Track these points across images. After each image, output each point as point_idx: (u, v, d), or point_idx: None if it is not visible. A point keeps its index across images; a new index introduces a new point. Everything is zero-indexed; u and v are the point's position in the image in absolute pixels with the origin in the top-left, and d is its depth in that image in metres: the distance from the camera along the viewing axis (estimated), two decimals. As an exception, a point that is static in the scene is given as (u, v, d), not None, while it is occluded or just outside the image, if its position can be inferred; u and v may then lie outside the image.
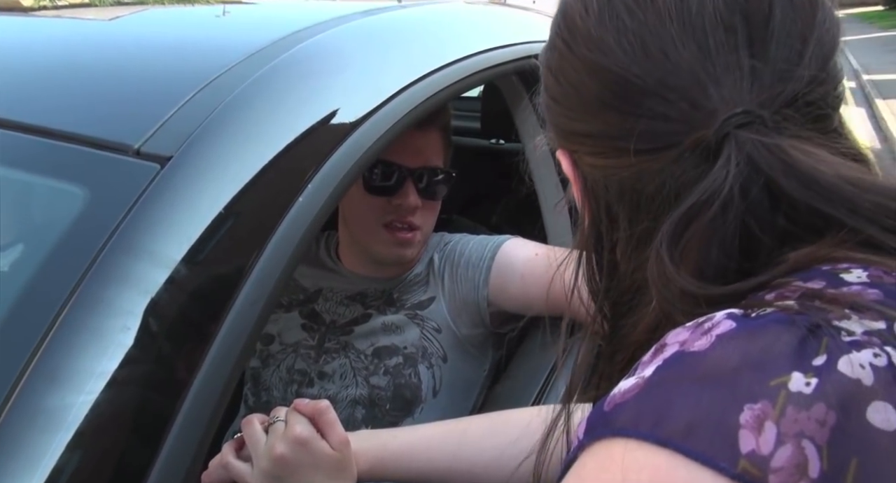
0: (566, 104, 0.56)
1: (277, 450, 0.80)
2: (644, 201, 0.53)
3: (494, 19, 1.42)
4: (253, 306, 0.63)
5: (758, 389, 0.37)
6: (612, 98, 0.52)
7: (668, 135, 0.50)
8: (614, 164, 0.53)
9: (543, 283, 1.26)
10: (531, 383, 1.20)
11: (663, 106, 0.50)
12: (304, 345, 1.33)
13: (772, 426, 0.36)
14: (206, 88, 0.73)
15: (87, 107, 0.73)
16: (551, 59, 0.58)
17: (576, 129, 0.56)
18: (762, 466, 0.35)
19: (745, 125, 0.48)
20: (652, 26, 0.51)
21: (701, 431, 0.36)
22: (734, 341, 0.40)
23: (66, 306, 0.55)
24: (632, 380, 0.42)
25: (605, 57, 0.52)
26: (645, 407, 0.39)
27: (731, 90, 0.49)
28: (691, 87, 0.49)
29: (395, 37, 1.05)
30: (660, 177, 0.51)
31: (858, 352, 0.38)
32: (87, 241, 0.59)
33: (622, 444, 0.39)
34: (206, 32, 1.02)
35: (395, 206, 1.28)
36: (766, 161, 0.46)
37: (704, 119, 0.49)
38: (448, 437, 0.94)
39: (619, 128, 0.52)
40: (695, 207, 0.48)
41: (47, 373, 0.52)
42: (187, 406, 0.56)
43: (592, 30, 0.53)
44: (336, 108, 0.82)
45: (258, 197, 0.70)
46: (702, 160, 0.49)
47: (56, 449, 0.51)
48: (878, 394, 0.37)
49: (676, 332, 0.43)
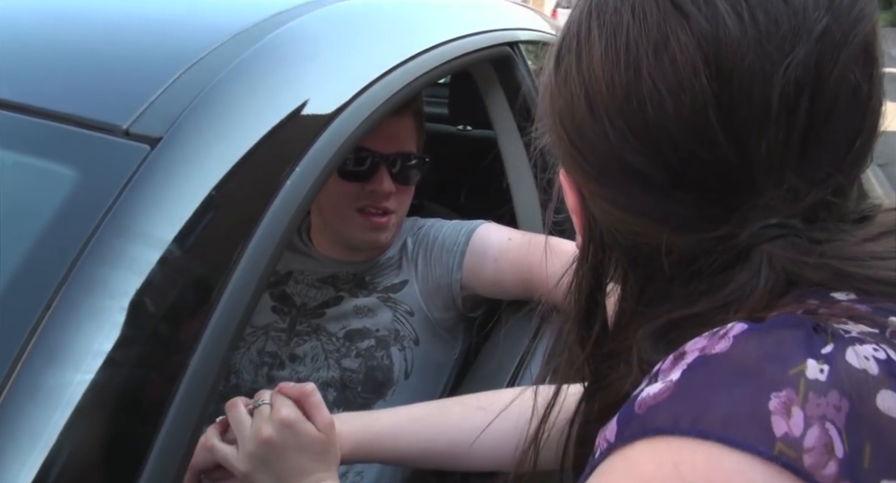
0: (586, 158, 0.52)
1: (264, 432, 0.80)
2: (659, 274, 0.52)
3: (468, 5, 1.42)
4: (245, 286, 0.64)
5: (780, 378, 0.40)
6: (638, 181, 0.49)
7: (696, 223, 0.49)
8: (633, 224, 0.52)
9: (517, 268, 1.29)
10: (502, 368, 1.22)
11: (695, 201, 0.48)
12: (274, 327, 1.33)
13: (798, 411, 0.38)
14: (192, 69, 0.72)
15: (70, 85, 0.72)
16: (568, 94, 0.52)
17: (592, 185, 0.53)
18: (797, 447, 0.38)
19: (779, 238, 0.47)
20: (686, 118, 0.46)
21: (737, 421, 0.39)
22: (751, 339, 0.43)
23: (61, 287, 0.55)
24: (658, 385, 0.44)
25: (629, 144, 0.48)
26: (681, 406, 0.42)
27: (769, 198, 0.47)
28: (727, 191, 0.47)
29: (372, 22, 1.05)
30: (680, 253, 0.50)
31: (861, 345, 0.41)
32: (79, 223, 0.58)
33: (665, 442, 0.41)
34: (183, 11, 1.00)
35: (368, 191, 1.28)
36: (817, 275, 0.46)
37: (736, 220, 0.48)
38: (430, 418, 0.95)
39: (644, 203, 0.50)
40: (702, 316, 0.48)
41: (46, 352, 0.52)
42: (185, 384, 0.57)
43: (619, 106, 0.48)
44: (318, 93, 0.82)
45: (247, 179, 0.70)
46: (730, 256, 0.48)
47: (56, 426, 0.51)
48: (884, 383, 0.40)
49: (694, 341, 0.45)
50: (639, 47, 0.47)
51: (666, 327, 0.51)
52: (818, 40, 0.45)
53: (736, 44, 0.45)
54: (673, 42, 0.46)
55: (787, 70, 0.45)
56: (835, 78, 0.46)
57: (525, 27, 1.52)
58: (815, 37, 0.45)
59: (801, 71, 0.45)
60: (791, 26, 0.46)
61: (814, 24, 0.46)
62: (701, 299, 0.49)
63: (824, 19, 0.46)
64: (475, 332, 1.44)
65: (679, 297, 0.51)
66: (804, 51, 0.45)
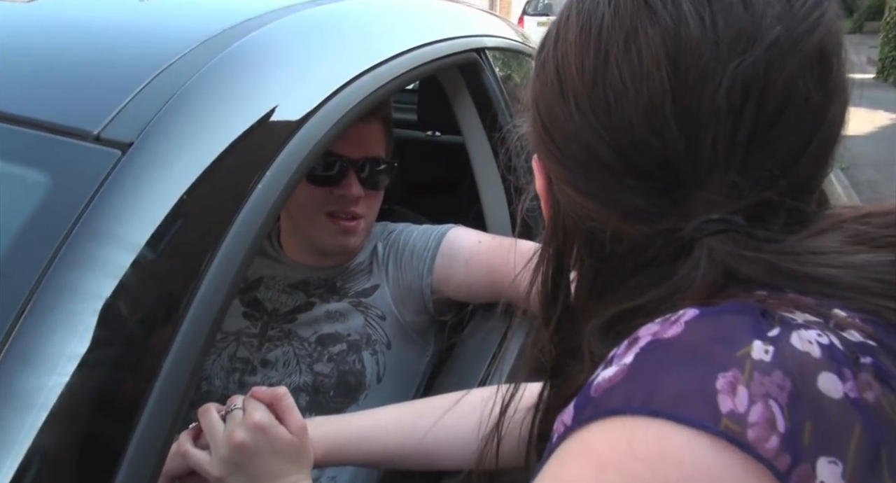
0: (553, 138, 0.55)
1: (237, 437, 0.81)
2: (613, 260, 0.55)
3: (435, 12, 1.44)
4: (217, 289, 0.64)
5: (727, 360, 0.42)
6: (596, 166, 0.52)
7: (645, 212, 0.51)
8: (591, 211, 0.54)
9: (486, 271, 1.31)
10: (473, 370, 1.24)
11: (646, 191, 0.50)
12: (246, 333, 1.33)
13: (743, 389, 0.41)
14: (162, 75, 0.73)
15: (40, 92, 0.72)
16: (544, 77, 0.55)
17: (557, 168, 0.55)
18: (741, 422, 0.40)
19: (719, 232, 0.49)
20: (645, 107, 0.49)
21: (686, 400, 0.41)
22: (701, 324, 0.45)
23: (35, 291, 0.55)
24: (612, 368, 0.46)
25: (593, 127, 0.51)
26: (633, 387, 0.44)
27: (711, 193, 0.49)
28: (676, 183, 0.50)
29: (341, 28, 1.06)
30: (630, 242, 0.52)
31: (806, 330, 0.43)
32: (51, 227, 0.59)
33: (618, 422, 0.43)
34: (151, 17, 1.01)
35: (337, 196, 1.29)
36: (754, 269, 0.48)
37: (682, 213, 0.50)
38: (402, 419, 0.96)
39: (602, 189, 0.52)
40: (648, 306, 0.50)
41: (20, 355, 0.53)
42: (158, 386, 0.57)
43: (588, 90, 0.51)
44: (287, 98, 0.83)
45: (217, 184, 0.71)
46: (675, 249, 0.50)
47: (31, 429, 0.51)
48: (825, 365, 0.42)
49: (647, 327, 0.47)
50: (610, 36, 0.51)
51: (614, 319, 0.53)
52: (768, 48, 0.48)
53: (695, 43, 0.48)
54: (641, 35, 0.49)
55: (736, 72, 0.47)
56: (782, 84, 0.48)
57: (492, 34, 1.55)
58: (765, 44, 0.48)
59: (748, 74, 0.47)
60: (747, 32, 0.48)
61: (766, 32, 0.48)
62: (648, 290, 0.51)
63: (777, 27, 0.48)
64: (447, 335, 1.46)
65: (627, 289, 0.54)
66: (753, 56, 0.48)
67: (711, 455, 0.40)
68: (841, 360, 0.42)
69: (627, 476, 0.41)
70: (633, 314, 0.51)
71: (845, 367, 0.42)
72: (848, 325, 0.45)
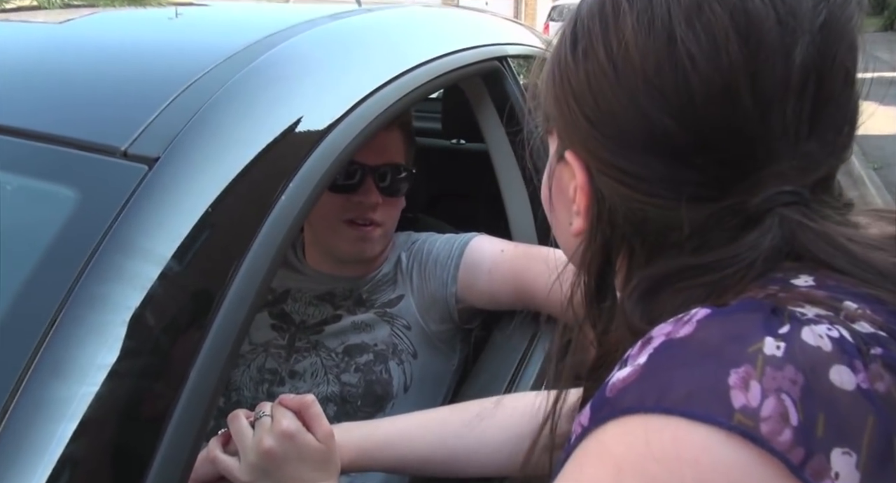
0: (603, 131, 0.55)
1: (265, 443, 0.82)
2: (667, 245, 0.54)
3: (456, 21, 1.45)
4: (242, 300, 0.66)
5: (739, 356, 0.42)
6: (660, 149, 0.52)
7: (710, 191, 0.52)
8: (643, 200, 0.54)
9: (511, 279, 1.31)
10: (498, 377, 1.24)
11: (714, 167, 0.51)
12: (274, 344, 1.35)
13: (756, 384, 0.41)
14: (187, 91, 0.75)
15: (69, 109, 0.75)
16: (590, 70, 0.55)
17: (608, 159, 0.55)
18: (754, 417, 0.40)
19: (791, 204, 0.50)
20: (717, 83, 0.50)
21: (699, 397, 0.42)
22: (713, 322, 0.45)
23: (65, 303, 0.57)
24: (627, 369, 0.46)
25: (661, 107, 0.51)
26: (647, 386, 0.44)
27: (784, 167, 0.51)
28: (748, 156, 0.51)
29: (363, 40, 1.07)
30: (689, 226, 0.52)
31: (816, 325, 0.44)
32: (81, 241, 0.61)
33: (633, 421, 0.44)
34: (176, 35, 1.03)
35: (355, 203, 1.30)
36: (813, 243, 0.49)
37: (751, 186, 0.51)
38: (428, 425, 0.97)
39: (662, 175, 0.53)
40: (707, 267, 0.51)
41: (51, 366, 0.54)
42: (186, 395, 0.59)
43: (652, 71, 0.51)
44: (311, 111, 0.85)
45: (242, 196, 0.72)
46: (739, 223, 0.51)
47: (62, 437, 0.52)
48: (837, 358, 0.42)
49: (661, 327, 0.48)
50: (671, 16, 0.51)
51: (660, 281, 0.53)
52: (820, 29, 0.51)
53: (762, 20, 0.50)
54: (707, 10, 0.50)
55: (800, 49, 0.50)
56: (834, 63, 0.51)
57: (514, 42, 1.55)
58: (817, 25, 0.51)
59: (810, 52, 0.50)
60: (801, 13, 0.51)
61: (818, 15, 0.51)
62: (709, 252, 0.52)
63: (824, 11, 0.51)
64: (472, 343, 1.46)
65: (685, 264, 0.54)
66: (812, 36, 0.50)
67: (727, 453, 0.40)
68: (852, 353, 0.42)
69: (644, 478, 0.42)
70: (679, 276, 0.52)
71: (856, 359, 0.42)
72: (858, 316, 0.45)
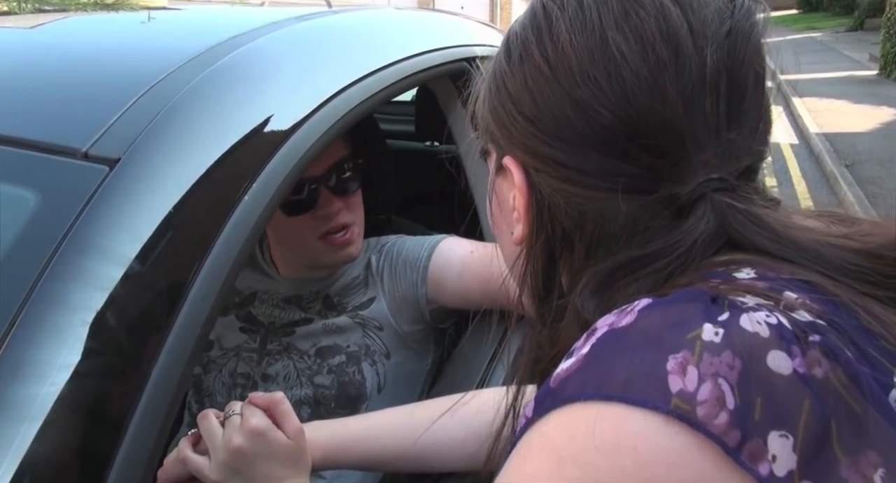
0: (541, 127, 0.57)
1: (235, 442, 0.82)
2: (605, 238, 0.57)
3: (425, 23, 1.46)
4: (204, 300, 0.66)
5: (678, 342, 0.43)
6: (596, 140, 0.55)
7: (643, 182, 0.54)
8: (581, 194, 0.56)
9: (480, 279, 1.31)
10: (470, 375, 1.25)
11: (646, 157, 0.54)
12: (245, 348, 1.34)
13: (693, 369, 0.42)
14: (149, 92, 0.75)
15: (31, 112, 0.74)
16: (526, 71, 0.58)
17: (547, 154, 0.57)
18: (690, 401, 0.41)
19: (720, 190, 0.53)
20: (646, 77, 0.54)
21: (637, 382, 0.43)
22: (654, 311, 0.47)
23: (25, 304, 0.57)
24: (571, 359, 0.48)
25: (596, 99, 0.54)
26: (588, 374, 0.45)
27: (709, 156, 0.54)
28: (676, 146, 0.54)
29: (329, 41, 1.08)
30: (625, 217, 0.55)
31: (755, 312, 0.45)
32: (41, 242, 0.61)
33: (574, 410, 0.45)
34: (142, 38, 1.03)
35: (321, 218, 1.27)
36: (741, 224, 0.52)
37: (682, 176, 0.54)
38: (398, 422, 0.97)
39: (598, 166, 0.55)
40: (652, 255, 0.53)
41: (11, 367, 0.54)
42: (147, 395, 0.59)
43: (586, 66, 0.55)
44: (275, 111, 0.85)
45: (205, 196, 0.72)
46: (672, 212, 0.54)
47: (24, 438, 0.52)
48: (774, 344, 0.43)
49: (605, 318, 0.49)
50: (602, 20, 0.56)
51: (610, 274, 0.55)
52: (727, 35, 0.56)
53: (679, 24, 0.55)
54: (634, 16, 0.55)
55: (711, 50, 0.54)
56: (743, 66, 0.55)
57: (482, 43, 1.56)
58: (723, 33, 0.56)
59: (720, 55, 0.55)
60: (709, 21, 0.56)
61: (723, 23, 0.56)
62: (648, 243, 0.54)
63: (729, 20, 0.56)
64: (446, 343, 1.46)
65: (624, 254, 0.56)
66: (718, 41, 0.55)
67: (664, 438, 0.41)
68: (789, 339, 0.43)
69: (586, 468, 0.43)
70: (627, 268, 0.54)
71: (794, 345, 0.43)
72: (798, 306, 0.46)
